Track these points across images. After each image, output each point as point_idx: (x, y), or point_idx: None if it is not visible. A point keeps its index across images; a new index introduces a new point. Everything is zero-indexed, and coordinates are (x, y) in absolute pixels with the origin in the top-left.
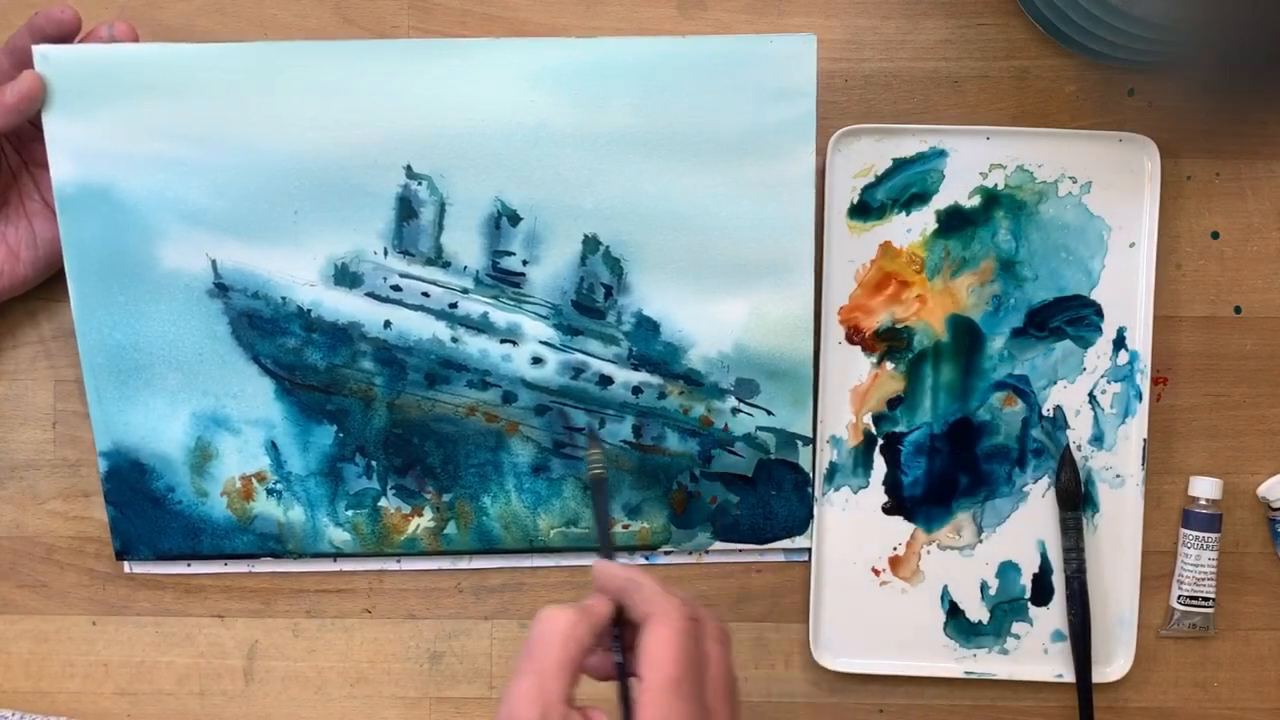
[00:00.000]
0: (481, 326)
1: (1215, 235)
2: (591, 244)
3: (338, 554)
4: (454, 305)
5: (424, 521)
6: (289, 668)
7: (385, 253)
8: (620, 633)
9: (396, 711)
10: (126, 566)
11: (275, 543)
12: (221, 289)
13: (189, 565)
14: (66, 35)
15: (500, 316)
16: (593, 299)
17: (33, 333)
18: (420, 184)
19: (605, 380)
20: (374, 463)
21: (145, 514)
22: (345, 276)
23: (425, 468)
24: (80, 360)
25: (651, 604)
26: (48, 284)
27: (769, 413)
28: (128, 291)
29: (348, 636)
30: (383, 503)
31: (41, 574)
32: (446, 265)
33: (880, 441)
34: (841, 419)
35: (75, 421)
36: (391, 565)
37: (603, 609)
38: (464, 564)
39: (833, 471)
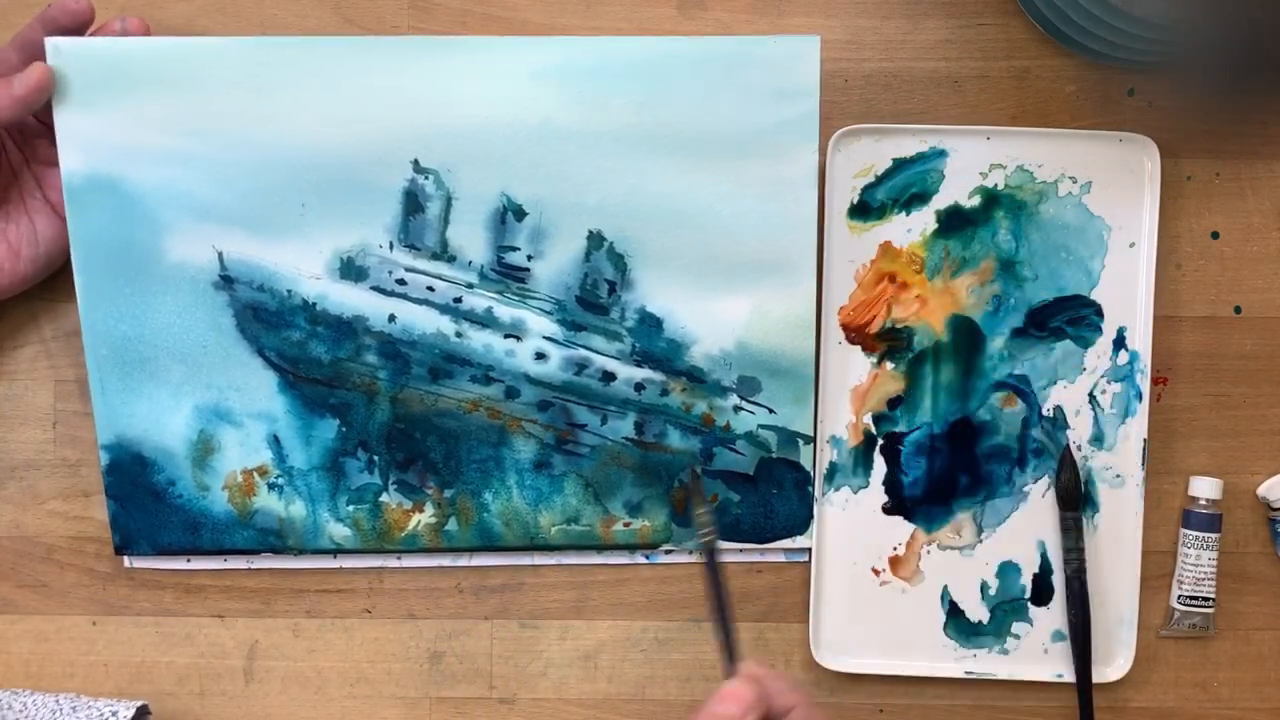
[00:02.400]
0: (486, 321)
1: (1215, 235)
2: (596, 240)
3: (338, 550)
4: (459, 300)
5: (425, 517)
6: (289, 668)
7: (391, 246)
8: None
9: (396, 711)
10: (126, 561)
11: (276, 538)
12: (227, 281)
13: (188, 561)
14: (80, 27)
15: (504, 311)
16: (596, 295)
17: (33, 333)
18: (427, 178)
19: (608, 376)
20: (376, 457)
21: (146, 508)
22: (351, 270)
23: (427, 463)
24: (85, 353)
25: (791, 698)
26: (49, 283)
27: (771, 411)
28: (134, 284)
29: (348, 636)
30: (384, 498)
31: (41, 574)
32: (452, 260)
33: (880, 441)
34: (841, 419)
35: (75, 421)
36: (392, 562)
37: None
38: (464, 561)
39: (833, 471)
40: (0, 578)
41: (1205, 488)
